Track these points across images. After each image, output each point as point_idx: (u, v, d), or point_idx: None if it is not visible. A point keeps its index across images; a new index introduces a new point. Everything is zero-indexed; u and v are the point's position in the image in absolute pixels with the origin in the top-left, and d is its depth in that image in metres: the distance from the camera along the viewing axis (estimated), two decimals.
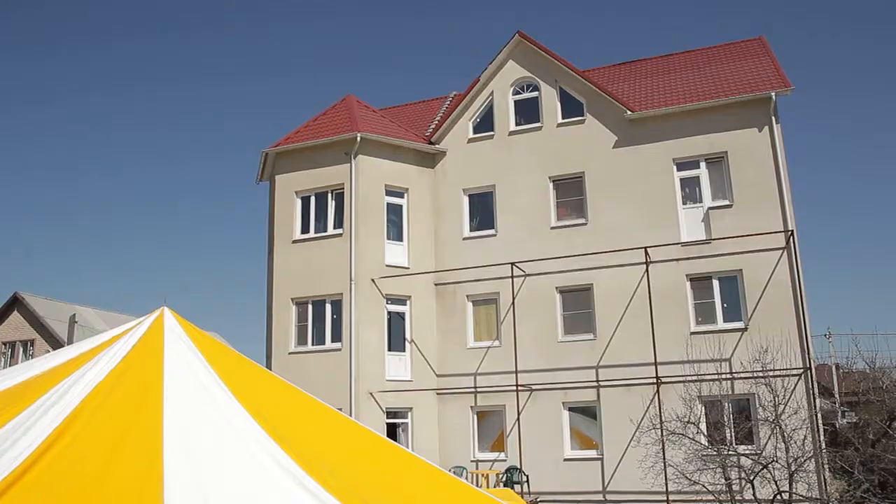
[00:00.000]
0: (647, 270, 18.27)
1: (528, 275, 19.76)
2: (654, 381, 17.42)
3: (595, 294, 19.20)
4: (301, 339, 20.51)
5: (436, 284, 20.94)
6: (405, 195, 21.17)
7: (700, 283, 18.50)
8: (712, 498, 13.66)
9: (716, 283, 18.38)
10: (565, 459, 18.70)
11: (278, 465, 5.43)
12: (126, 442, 5.18)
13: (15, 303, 34.40)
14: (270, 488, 5.20)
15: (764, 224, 17.92)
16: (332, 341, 19.93)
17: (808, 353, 16.96)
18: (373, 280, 20.01)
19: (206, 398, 5.89)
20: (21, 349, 33.73)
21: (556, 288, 19.65)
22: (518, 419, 18.80)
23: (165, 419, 5.35)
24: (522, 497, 9.42)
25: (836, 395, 21.11)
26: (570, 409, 19.09)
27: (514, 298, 19.59)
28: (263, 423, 5.78)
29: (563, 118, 20.71)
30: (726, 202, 18.60)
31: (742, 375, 16.07)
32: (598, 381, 18.68)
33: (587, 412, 18.99)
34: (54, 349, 6.91)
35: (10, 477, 4.73)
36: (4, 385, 6.12)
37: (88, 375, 5.80)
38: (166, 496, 4.68)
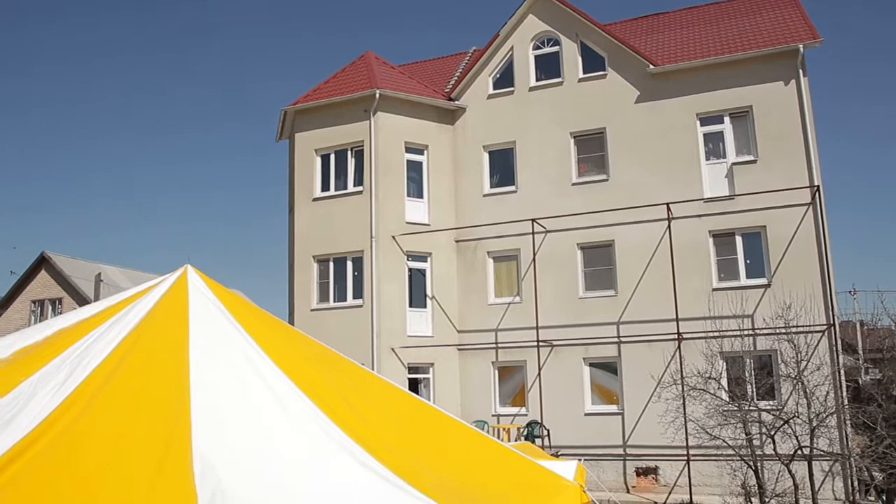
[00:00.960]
0: (669, 227, 18.14)
1: (549, 231, 19.70)
2: (676, 336, 17.41)
3: (616, 250, 19.14)
4: (323, 296, 20.69)
5: (456, 241, 20.96)
6: (425, 152, 21.08)
7: (723, 239, 18.35)
8: (732, 453, 13.72)
9: (739, 239, 18.22)
10: (586, 414, 18.85)
11: (308, 417, 5.50)
12: (152, 394, 5.26)
13: (42, 262, 34.84)
14: (298, 438, 5.27)
15: (789, 179, 17.67)
16: (354, 298, 20.10)
17: (832, 310, 16.85)
18: (393, 237, 20.06)
19: (232, 350, 5.95)
20: (50, 307, 34.26)
21: (577, 244, 19.60)
22: (539, 374, 18.92)
23: (192, 371, 5.42)
24: (543, 451, 9.52)
25: (860, 352, 20.99)
26: (591, 365, 19.18)
27: (534, 255, 19.57)
28: (291, 374, 5.85)
29: (585, 73, 20.41)
30: (750, 157, 18.34)
31: (764, 331, 15.99)
32: (619, 336, 18.71)
33: (608, 368, 19.07)
34: (81, 307, 7.00)
35: (40, 428, 4.84)
36: (34, 339, 6.23)
37: (113, 331, 5.88)
38: (194, 445, 4.76)
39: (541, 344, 18.90)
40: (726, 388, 14.92)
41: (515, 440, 17.63)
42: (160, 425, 4.96)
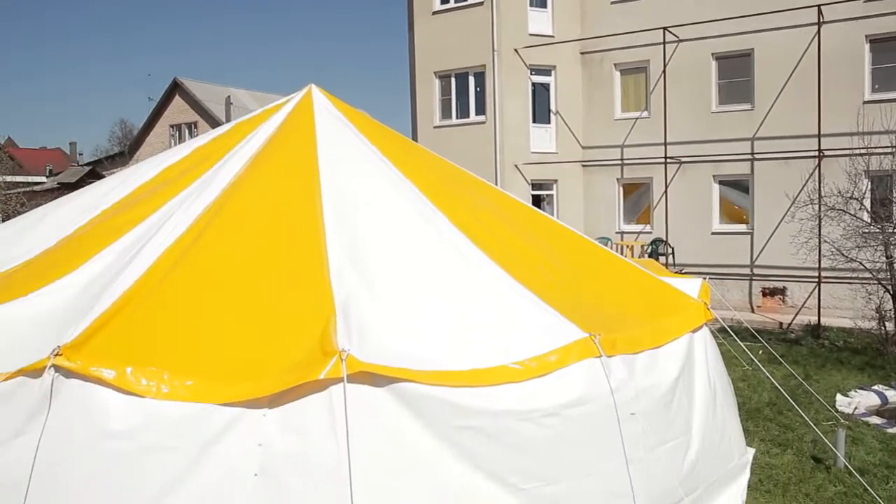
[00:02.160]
0: (818, 31, 16.50)
1: (682, 40, 18.43)
2: (816, 153, 16.35)
3: (755, 60, 17.74)
4: (445, 113, 20.63)
5: (582, 53, 20.06)
6: None
7: (882, 44, 16.54)
8: (869, 276, 13.16)
9: None
10: (713, 233, 18.47)
11: (438, 226, 5.58)
12: (285, 201, 5.45)
13: (176, 88, 36.15)
14: (430, 247, 5.38)
15: None
16: (476, 114, 19.93)
17: None
18: (516, 50, 19.40)
19: (360, 159, 6.03)
20: (186, 131, 35.91)
21: (712, 54, 18.30)
22: (665, 192, 18.47)
23: (322, 178, 5.56)
24: (667, 268, 9.42)
25: None
26: (721, 183, 18.52)
27: (665, 66, 18.46)
28: (420, 185, 5.90)
29: None
30: None
31: None
32: (752, 153, 17.81)
33: (739, 186, 18.36)
34: (214, 129, 7.27)
35: (194, 228, 5.15)
36: (175, 159, 6.56)
37: (245, 149, 6.07)
38: (329, 249, 4.96)
39: (668, 160, 18.28)
40: (868, 209, 14.08)
41: (639, 257, 17.62)
42: (295, 231, 5.17)
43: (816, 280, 15.85)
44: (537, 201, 19.75)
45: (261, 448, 4.02)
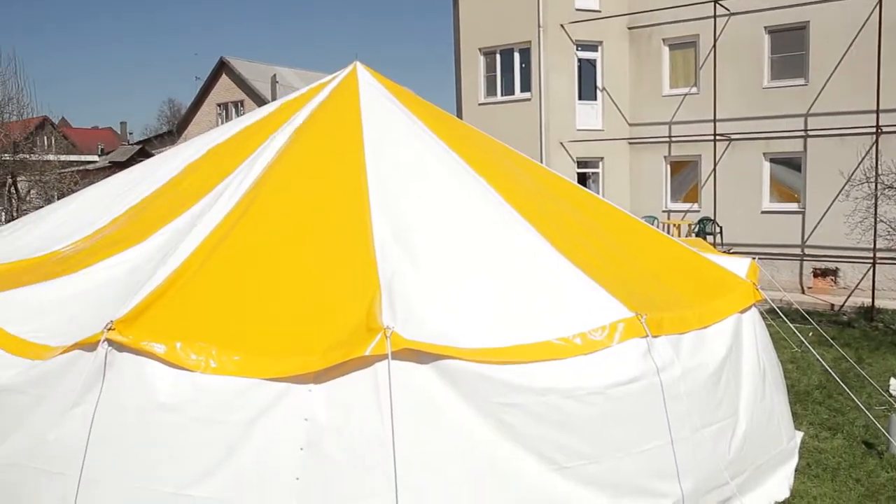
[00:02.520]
0: (879, 2, 15.91)
1: (733, 13, 17.95)
2: (874, 130, 15.84)
3: (811, 33, 17.20)
4: (490, 91, 20.49)
5: (629, 28, 19.68)
6: None
7: None
8: None
9: None
10: (762, 212, 18.07)
11: (487, 200, 5.56)
12: (330, 179, 5.49)
13: (222, 67, 36.52)
14: (477, 221, 5.36)
15: None
16: (522, 91, 19.76)
17: None
18: (562, 25, 19.13)
19: (405, 133, 6.03)
20: (233, 109, 36.29)
21: (765, 27, 17.79)
22: (714, 170, 18.10)
23: (367, 151, 5.58)
24: (715, 248, 9.25)
25: None
26: (772, 161, 18.08)
27: (715, 41, 18.02)
28: (468, 160, 5.88)
29: None
30: None
31: None
32: (806, 130, 17.33)
33: (791, 164, 17.90)
34: (260, 107, 7.35)
35: (242, 204, 5.23)
36: (224, 137, 6.65)
37: (291, 126, 6.12)
38: (374, 224, 4.98)
39: (718, 137, 17.90)
40: None
41: (686, 237, 17.36)
42: (340, 207, 5.20)
43: (871, 261, 15.43)
44: (583, 179, 19.54)
45: (306, 423, 4.08)
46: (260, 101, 32.34)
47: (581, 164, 19.72)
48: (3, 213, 19.66)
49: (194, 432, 4.05)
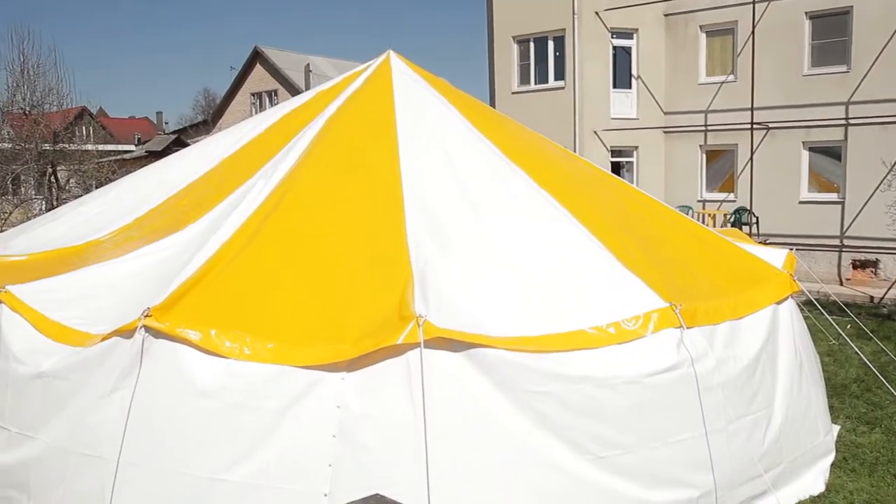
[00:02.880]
0: None
1: None
2: None
3: (854, 18, 16.80)
4: (524, 79, 20.37)
5: (665, 15, 19.40)
6: None
7: None
8: None
9: None
10: (800, 202, 17.74)
11: (522, 188, 5.54)
12: (364, 167, 5.50)
13: (257, 56, 36.76)
14: (508, 207, 5.35)
15: None
16: (555, 80, 19.62)
17: None
18: (596, 13, 18.92)
19: (439, 120, 6.02)
20: (267, 99, 36.53)
21: (806, 13, 17.41)
22: (751, 159, 17.83)
23: (400, 140, 5.59)
24: (751, 238, 9.11)
25: None
26: (811, 150, 17.73)
27: (754, 27, 17.70)
28: (503, 148, 5.86)
29: None
30: None
31: None
32: (847, 118, 16.96)
33: (830, 153, 17.54)
34: (294, 97, 7.39)
35: (279, 191, 5.26)
36: (260, 127, 6.70)
37: (326, 114, 6.14)
38: (407, 217, 4.98)
39: (755, 126, 17.61)
40: None
41: (721, 227, 17.13)
42: (373, 195, 5.21)
43: None
44: (617, 168, 19.36)
45: (339, 410, 4.11)
46: (294, 91, 32.52)
47: (615, 153, 19.54)
48: (44, 202, 20.04)
49: (228, 418, 4.10)
